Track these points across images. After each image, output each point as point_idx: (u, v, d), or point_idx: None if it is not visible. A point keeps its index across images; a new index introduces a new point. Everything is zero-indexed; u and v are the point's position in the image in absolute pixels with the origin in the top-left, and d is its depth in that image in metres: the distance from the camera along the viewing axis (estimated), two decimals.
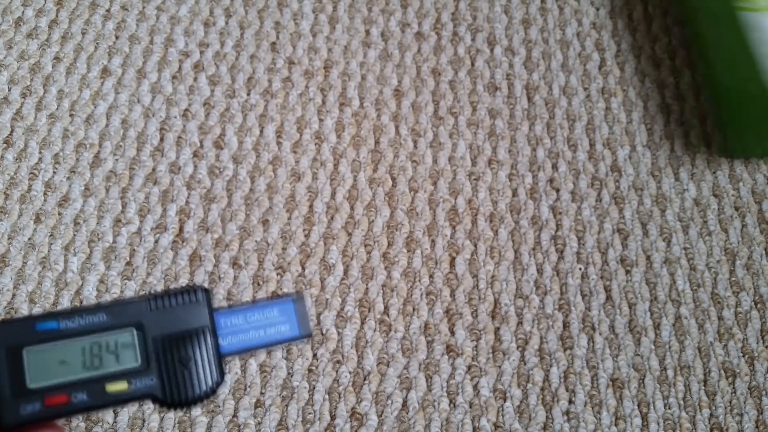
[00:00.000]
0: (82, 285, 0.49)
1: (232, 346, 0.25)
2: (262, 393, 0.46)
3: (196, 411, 0.45)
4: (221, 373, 0.25)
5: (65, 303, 0.49)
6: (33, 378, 0.23)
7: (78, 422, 0.45)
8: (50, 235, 0.51)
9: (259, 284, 0.50)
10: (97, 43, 0.60)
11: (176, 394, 0.24)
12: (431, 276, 0.50)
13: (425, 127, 0.56)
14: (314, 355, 0.47)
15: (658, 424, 0.46)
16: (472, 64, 0.59)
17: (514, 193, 0.54)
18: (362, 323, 0.49)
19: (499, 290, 0.50)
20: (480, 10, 0.62)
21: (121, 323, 0.24)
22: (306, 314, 0.26)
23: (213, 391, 0.24)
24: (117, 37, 0.60)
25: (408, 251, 0.51)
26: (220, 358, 0.25)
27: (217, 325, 0.25)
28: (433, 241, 0.52)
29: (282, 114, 0.56)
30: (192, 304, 0.25)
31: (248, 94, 0.57)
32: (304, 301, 0.26)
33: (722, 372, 0.48)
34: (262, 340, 0.26)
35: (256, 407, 0.46)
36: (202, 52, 0.59)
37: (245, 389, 0.46)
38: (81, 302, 0.49)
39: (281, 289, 0.49)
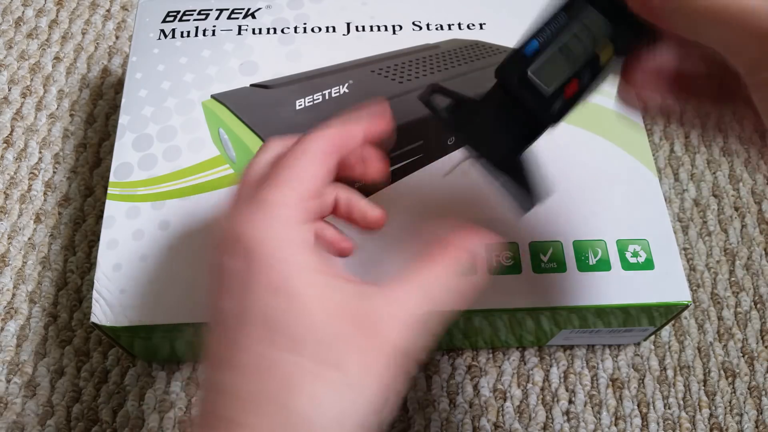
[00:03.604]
0: (81, 284, 0.49)
1: None
2: None
3: (195, 411, 0.45)
4: None
5: (65, 303, 0.49)
6: (547, 84, 0.28)
7: (77, 422, 0.45)
8: (50, 235, 0.51)
9: None
10: (97, 43, 0.60)
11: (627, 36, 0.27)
12: None
13: None
14: None
15: (658, 424, 0.46)
16: None
17: None
18: None
19: None
20: None
21: (577, 14, 0.27)
22: None
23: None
24: (117, 37, 0.60)
25: None
26: None
27: None
28: None
29: None
30: None
31: None
32: None
33: (722, 372, 0.48)
34: None
35: None
36: None
37: None
38: (81, 301, 0.49)
39: None
